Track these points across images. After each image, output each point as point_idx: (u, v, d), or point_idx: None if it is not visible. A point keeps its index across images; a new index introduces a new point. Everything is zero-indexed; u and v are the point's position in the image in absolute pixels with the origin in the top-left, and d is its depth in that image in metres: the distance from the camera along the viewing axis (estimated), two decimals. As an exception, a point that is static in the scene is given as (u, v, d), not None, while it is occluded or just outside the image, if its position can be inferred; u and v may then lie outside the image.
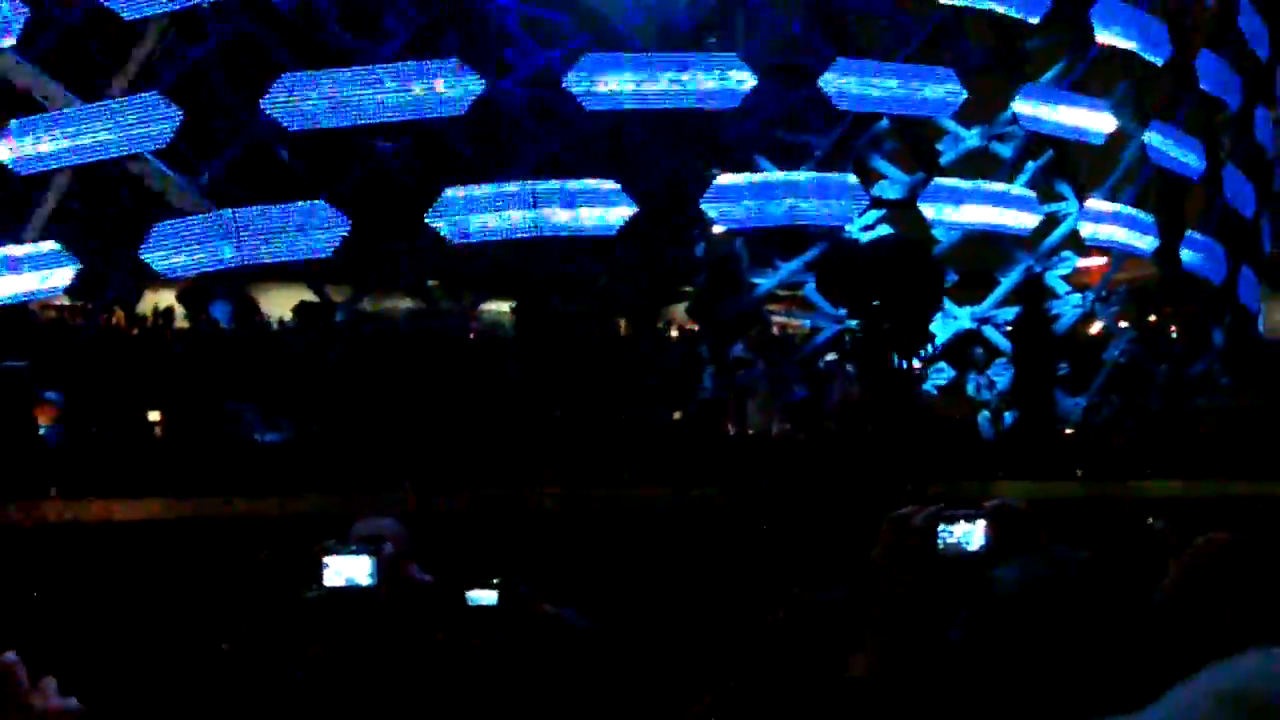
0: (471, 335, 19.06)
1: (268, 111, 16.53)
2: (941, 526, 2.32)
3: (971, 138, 21.22)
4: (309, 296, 18.19)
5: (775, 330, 21.52)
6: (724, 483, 12.49)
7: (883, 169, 20.86)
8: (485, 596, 3.83)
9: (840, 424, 17.82)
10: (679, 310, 21.29)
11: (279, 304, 19.53)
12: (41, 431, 14.11)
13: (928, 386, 19.70)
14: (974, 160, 21.31)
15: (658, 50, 18.12)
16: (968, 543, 2.34)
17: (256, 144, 17.68)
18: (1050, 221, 20.49)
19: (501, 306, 19.74)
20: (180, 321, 19.33)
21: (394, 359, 16.77)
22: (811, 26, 19.52)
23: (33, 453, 13.29)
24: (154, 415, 16.51)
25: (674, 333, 22.15)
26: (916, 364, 18.16)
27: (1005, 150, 20.94)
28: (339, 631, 3.31)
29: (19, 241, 16.74)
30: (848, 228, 19.08)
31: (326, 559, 3.24)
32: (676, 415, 18.25)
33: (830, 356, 19.88)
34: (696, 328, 20.31)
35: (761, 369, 18.86)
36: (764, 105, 18.89)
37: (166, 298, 19.60)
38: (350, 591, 3.23)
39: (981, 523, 2.36)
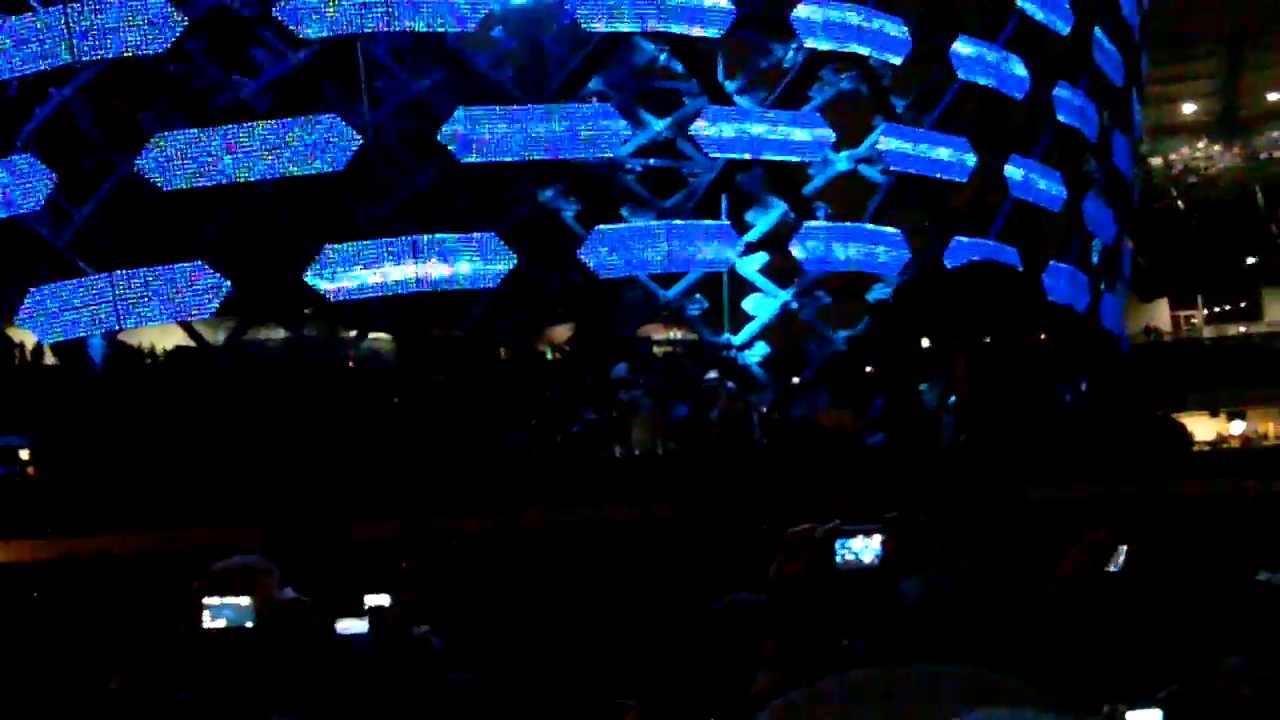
0: (350, 364, 18.87)
1: (141, 170, 16.03)
2: (839, 541, 2.40)
3: (840, 161, 21.64)
4: (183, 336, 17.82)
5: (657, 351, 21.67)
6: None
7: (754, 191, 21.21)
8: (355, 625, 3.92)
9: (722, 439, 18.08)
10: (557, 331, 21.29)
11: (154, 339, 19.12)
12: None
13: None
14: (844, 183, 21.72)
15: (529, 91, 18.25)
16: (864, 556, 2.40)
17: (128, 187, 17.04)
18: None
19: (382, 336, 19.56)
20: (50, 358, 18.82)
21: (272, 391, 16.53)
22: (676, 58, 19.78)
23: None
24: (25, 454, 16.14)
25: (551, 355, 22.11)
26: None
27: (874, 172, 21.37)
28: (221, 668, 3.36)
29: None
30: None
31: (205, 600, 3.31)
32: (559, 438, 18.30)
33: (712, 374, 20.11)
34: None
35: (644, 389, 19.02)
36: (633, 134, 19.04)
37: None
38: (230, 632, 3.30)
39: (877, 536, 2.42)
